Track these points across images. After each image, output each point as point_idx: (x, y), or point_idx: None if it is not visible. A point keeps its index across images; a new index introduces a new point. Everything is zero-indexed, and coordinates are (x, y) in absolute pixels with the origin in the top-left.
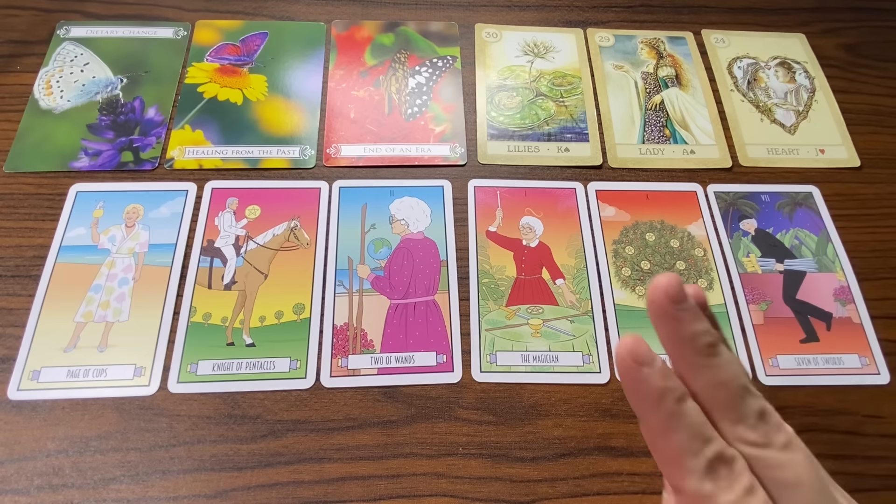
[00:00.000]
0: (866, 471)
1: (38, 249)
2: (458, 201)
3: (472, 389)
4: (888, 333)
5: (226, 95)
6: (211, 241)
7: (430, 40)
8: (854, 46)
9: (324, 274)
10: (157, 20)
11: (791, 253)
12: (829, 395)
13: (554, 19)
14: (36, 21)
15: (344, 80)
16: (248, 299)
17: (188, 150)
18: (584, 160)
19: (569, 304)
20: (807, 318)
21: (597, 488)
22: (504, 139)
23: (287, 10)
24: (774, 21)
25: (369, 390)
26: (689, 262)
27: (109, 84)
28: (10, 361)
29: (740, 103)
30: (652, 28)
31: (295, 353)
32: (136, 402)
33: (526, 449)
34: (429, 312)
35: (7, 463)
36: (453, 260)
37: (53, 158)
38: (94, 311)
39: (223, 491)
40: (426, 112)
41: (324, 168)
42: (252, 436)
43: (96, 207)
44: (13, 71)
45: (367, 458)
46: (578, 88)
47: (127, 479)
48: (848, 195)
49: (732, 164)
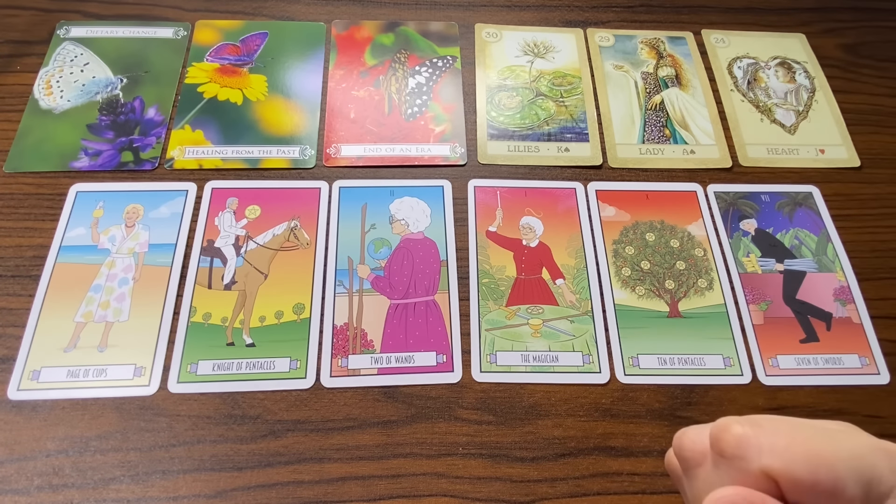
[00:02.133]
0: None
1: (38, 249)
2: (458, 201)
3: (472, 389)
4: (888, 333)
5: (226, 95)
6: (211, 241)
7: (430, 40)
8: (854, 46)
9: (324, 274)
10: (157, 20)
11: (791, 253)
12: (829, 395)
13: (554, 19)
14: (36, 21)
15: (344, 80)
16: (248, 299)
17: (188, 150)
18: (584, 160)
19: (569, 304)
20: (807, 318)
21: (597, 488)
22: (504, 139)
23: (287, 10)
24: (774, 21)
25: (369, 390)
26: (689, 262)
27: (109, 84)
28: (10, 361)
29: (740, 103)
30: (652, 28)
31: (295, 353)
32: (136, 402)
33: (526, 449)
34: (429, 312)
35: (7, 463)
36: (453, 260)
37: (53, 158)
38: (94, 311)
39: (223, 491)
40: (426, 112)
41: (324, 168)
42: (252, 436)
43: (96, 207)
44: (13, 71)
45: (367, 458)
46: (578, 88)
47: (127, 479)
48: (848, 195)
49: (732, 164)
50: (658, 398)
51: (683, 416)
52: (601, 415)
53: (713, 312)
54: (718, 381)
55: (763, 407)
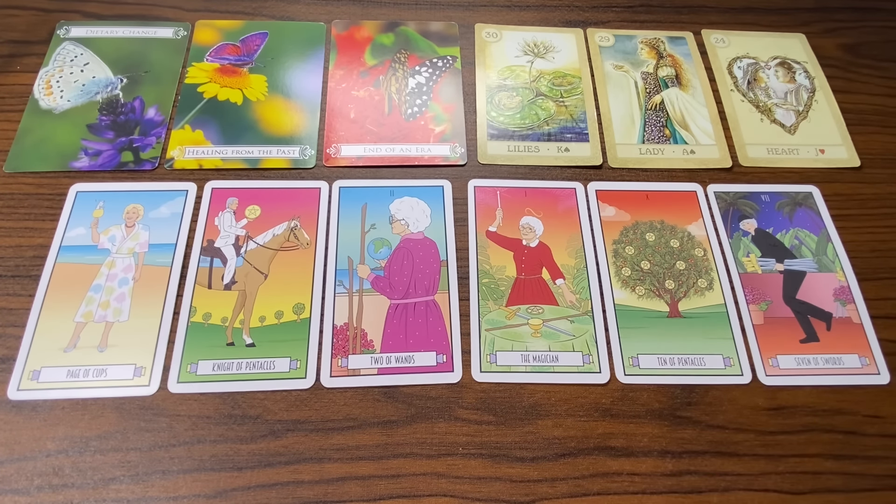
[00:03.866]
0: (866, 471)
1: (38, 249)
2: (458, 201)
3: (472, 389)
4: (888, 333)
5: (226, 95)
6: (211, 241)
7: (430, 40)
8: (854, 46)
9: (324, 274)
10: (157, 20)
11: (791, 253)
12: (829, 395)
13: (554, 19)
14: (36, 21)
15: (344, 80)
16: (248, 299)
17: (188, 150)
18: (584, 160)
19: (569, 304)
20: (807, 318)
21: (597, 488)
22: (504, 139)
23: (287, 10)
24: (774, 21)
25: (369, 390)
26: (689, 262)
27: (109, 84)
28: (10, 361)
29: (740, 103)
30: (652, 28)
31: (295, 353)
32: (136, 402)
33: (526, 449)
34: (429, 312)
35: (7, 463)
36: (453, 260)
37: (53, 158)
38: (94, 311)
39: (223, 491)
40: (426, 112)
41: (324, 168)
42: (252, 436)
43: (96, 207)
44: (13, 71)
45: (367, 458)
46: (578, 88)
47: (127, 479)
48: (848, 195)
49: (732, 164)
50: (658, 398)
51: (683, 416)
52: (601, 415)
53: (713, 312)
54: (718, 381)
55: (763, 407)
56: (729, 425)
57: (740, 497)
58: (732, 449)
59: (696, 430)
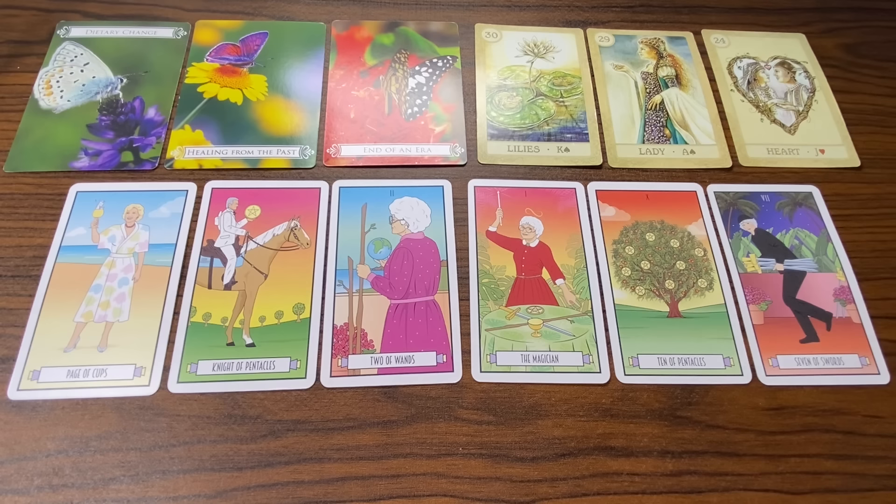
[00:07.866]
0: (866, 471)
1: (38, 249)
2: (458, 201)
3: (472, 389)
4: (888, 333)
5: (226, 95)
6: (211, 241)
7: (430, 40)
8: (854, 46)
9: (324, 274)
10: (156, 20)
11: (791, 253)
12: (829, 395)
13: (554, 19)
14: (36, 21)
15: (344, 80)
16: (248, 299)
17: (188, 150)
18: (584, 160)
19: (569, 304)
20: (807, 318)
21: (597, 488)
22: (504, 139)
23: (287, 10)
24: (774, 21)
25: (369, 390)
26: (689, 262)
27: (109, 84)
28: (10, 361)
29: (740, 103)
30: (652, 28)
31: (295, 353)
32: (136, 402)
33: (526, 449)
34: (429, 312)
35: (7, 463)
36: (453, 260)
37: (53, 158)
38: (94, 311)
39: (223, 491)
40: (426, 112)
41: (324, 168)
42: (252, 436)
43: (96, 207)
44: (13, 71)
45: (367, 458)
46: (578, 88)
47: (127, 479)
48: (848, 195)
49: (732, 164)
50: (658, 398)
51: (683, 416)
52: (601, 415)
53: (713, 312)
54: (718, 381)
55: (763, 407)
56: (729, 425)
57: (740, 497)
58: (732, 449)
59: (696, 430)
